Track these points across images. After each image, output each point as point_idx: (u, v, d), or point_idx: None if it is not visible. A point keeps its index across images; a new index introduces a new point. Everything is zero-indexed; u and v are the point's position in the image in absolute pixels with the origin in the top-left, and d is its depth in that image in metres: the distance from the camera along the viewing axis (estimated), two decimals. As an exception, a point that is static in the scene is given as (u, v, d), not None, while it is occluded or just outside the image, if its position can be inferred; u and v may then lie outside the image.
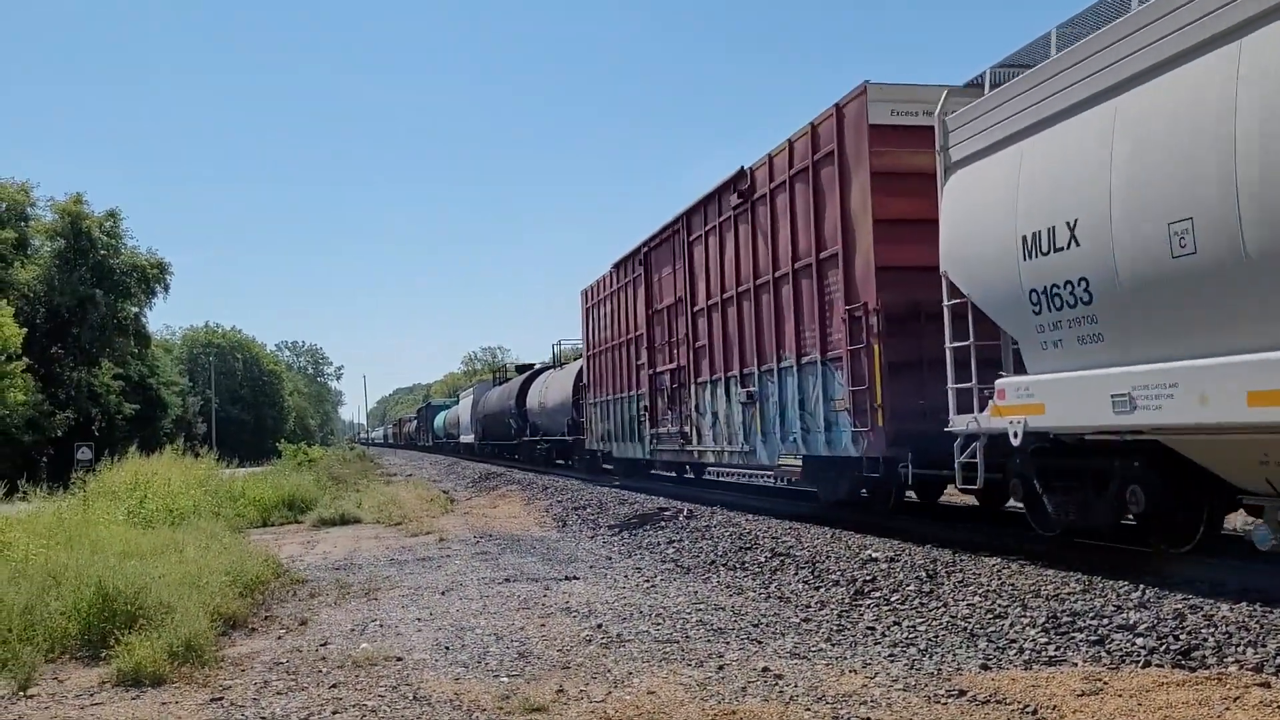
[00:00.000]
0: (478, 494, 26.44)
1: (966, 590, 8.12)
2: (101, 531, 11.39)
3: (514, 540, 14.51)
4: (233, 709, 6.01)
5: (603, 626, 7.89)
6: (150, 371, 55.90)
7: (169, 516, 14.49)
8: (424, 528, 16.48)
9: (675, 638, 7.47)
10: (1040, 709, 5.30)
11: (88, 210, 47.62)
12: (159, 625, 7.33)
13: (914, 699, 5.61)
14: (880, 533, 11.25)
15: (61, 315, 45.34)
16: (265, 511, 19.50)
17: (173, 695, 6.41)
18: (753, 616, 8.22)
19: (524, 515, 18.94)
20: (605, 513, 16.85)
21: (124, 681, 6.67)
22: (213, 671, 6.91)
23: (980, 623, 7.33)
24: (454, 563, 12.17)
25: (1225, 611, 6.43)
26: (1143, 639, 6.32)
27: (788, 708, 5.52)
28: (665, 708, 5.59)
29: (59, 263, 45.92)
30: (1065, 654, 6.41)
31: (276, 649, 7.61)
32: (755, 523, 13.00)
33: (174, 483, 17.65)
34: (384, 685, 6.36)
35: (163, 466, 19.93)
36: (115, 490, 16.55)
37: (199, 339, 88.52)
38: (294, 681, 6.58)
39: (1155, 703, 5.20)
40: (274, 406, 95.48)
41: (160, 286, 51.30)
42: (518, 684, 6.23)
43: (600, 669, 6.57)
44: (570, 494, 20.72)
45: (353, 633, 8.12)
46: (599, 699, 5.83)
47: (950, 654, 6.70)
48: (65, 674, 7.09)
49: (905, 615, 7.92)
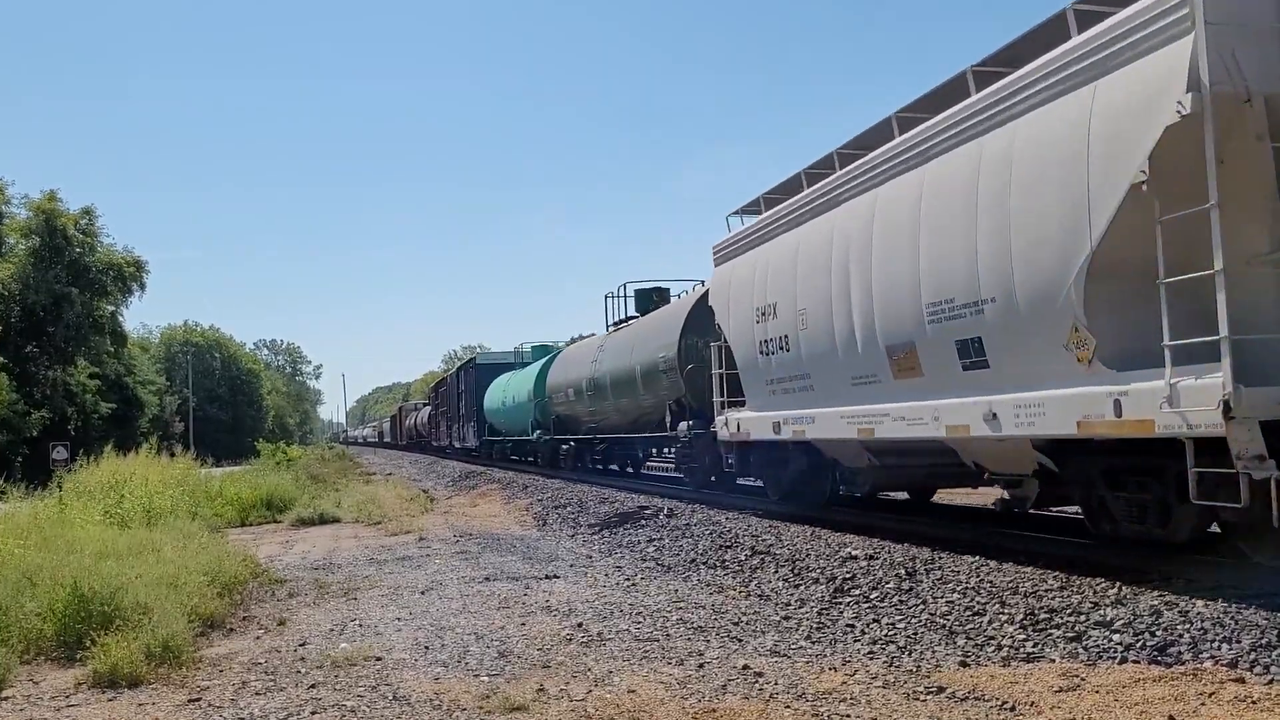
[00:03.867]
0: (458, 493, 26.37)
1: (945, 588, 8.17)
2: (78, 531, 11.30)
3: (494, 539, 14.49)
4: (211, 710, 5.98)
5: (583, 625, 7.89)
6: (127, 370, 55.51)
7: (146, 516, 14.37)
8: (403, 527, 16.44)
9: (656, 636, 7.47)
10: (1018, 705, 5.34)
11: (63, 208, 47.24)
12: (136, 626, 7.28)
13: (893, 696, 5.64)
14: (860, 530, 11.30)
15: (36, 313, 44.91)
16: (243, 511, 19.41)
17: (150, 696, 6.37)
18: (733, 615, 8.23)
19: (504, 514, 18.91)
20: (586, 511, 16.83)
21: (100, 683, 6.62)
22: (190, 672, 6.87)
23: (959, 620, 7.38)
24: (434, 562, 12.13)
25: (1200, 608, 6.49)
26: (1119, 635, 6.38)
27: (768, 705, 5.53)
28: (646, 706, 5.60)
29: (34, 260, 45.49)
30: (1043, 650, 6.46)
31: (255, 649, 7.57)
32: (735, 521, 13.03)
33: (151, 482, 17.52)
34: (363, 685, 6.34)
35: (139, 466, 19.80)
36: (91, 490, 16.42)
37: (177, 337, 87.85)
38: (272, 682, 6.55)
39: (1132, 698, 5.25)
40: (252, 405, 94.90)
41: (137, 285, 50.92)
42: (498, 683, 6.21)
43: (581, 668, 6.57)
44: (551, 493, 20.69)
45: (332, 633, 8.09)
46: (579, 698, 5.83)
47: (929, 651, 6.74)
48: (41, 675, 7.03)
49: (884, 613, 7.96)
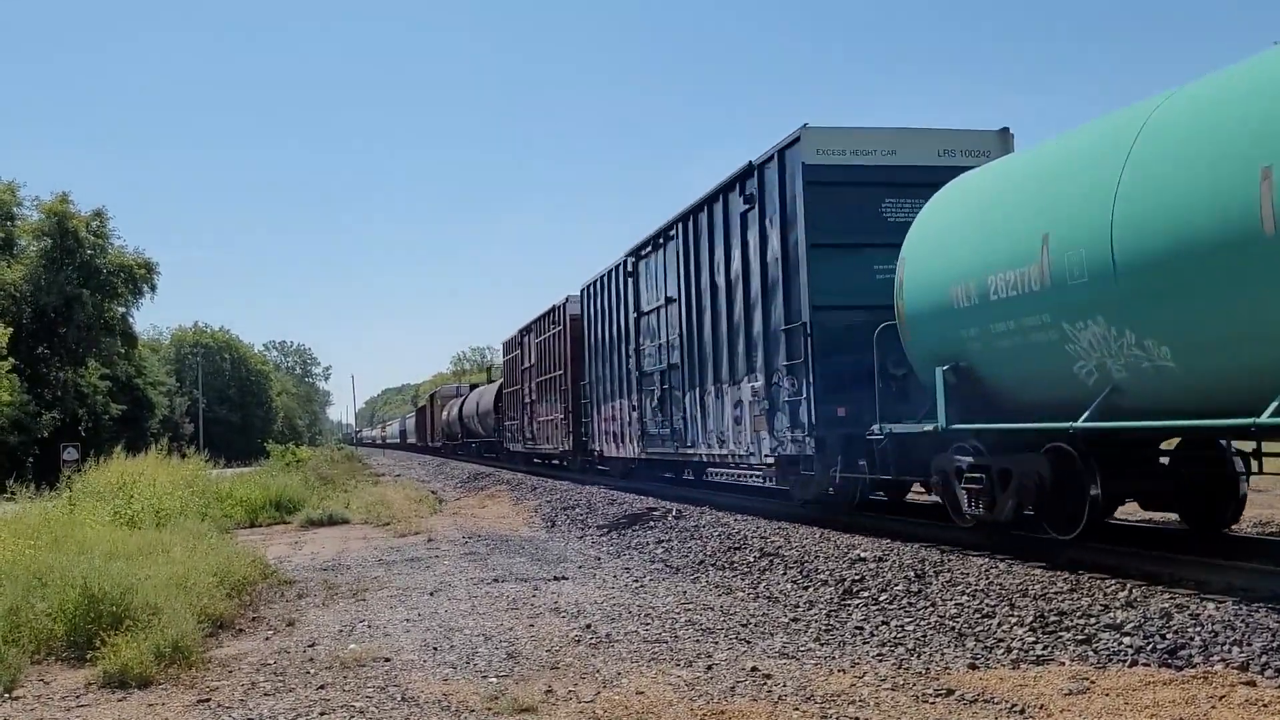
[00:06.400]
0: (466, 494, 26.41)
1: (954, 590, 8.14)
2: (88, 532, 11.33)
3: (503, 540, 14.50)
4: (220, 710, 5.99)
5: (591, 627, 7.88)
6: (137, 371, 55.63)
7: (155, 517, 14.41)
8: (412, 528, 16.45)
9: (664, 638, 7.47)
10: (1028, 708, 5.32)
11: (74, 210, 47.41)
12: (146, 626, 7.29)
13: (902, 698, 5.62)
14: (869, 532, 11.28)
15: (48, 315, 45.06)
16: (252, 512, 19.44)
17: (159, 697, 6.38)
18: (741, 616, 8.22)
19: (513, 515, 18.93)
20: (594, 513, 16.84)
21: (110, 683, 6.63)
22: (200, 673, 6.88)
23: (968, 622, 7.35)
24: (442, 563, 12.14)
25: (1211, 611, 6.46)
26: (1130, 638, 6.35)
27: (776, 707, 5.52)
28: (654, 707, 5.59)
29: (45, 262, 45.64)
30: (1053, 653, 6.43)
31: (264, 650, 7.59)
32: (744, 523, 13.02)
33: (160, 483, 17.56)
34: (372, 686, 6.34)
35: (149, 467, 19.85)
36: (101, 491, 16.47)
37: (187, 339, 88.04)
38: (281, 682, 6.56)
39: (1142, 701, 5.23)
40: (262, 407, 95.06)
41: (148, 286, 51.04)
42: (506, 684, 6.22)
43: (589, 669, 6.57)
44: (559, 494, 20.71)
45: (341, 633, 8.10)
46: (588, 699, 5.82)
47: (938, 653, 6.72)
48: (51, 676, 7.05)
49: (893, 615, 7.94)
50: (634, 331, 19.71)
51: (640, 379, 19.43)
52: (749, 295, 13.97)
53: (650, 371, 18.83)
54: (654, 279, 18.41)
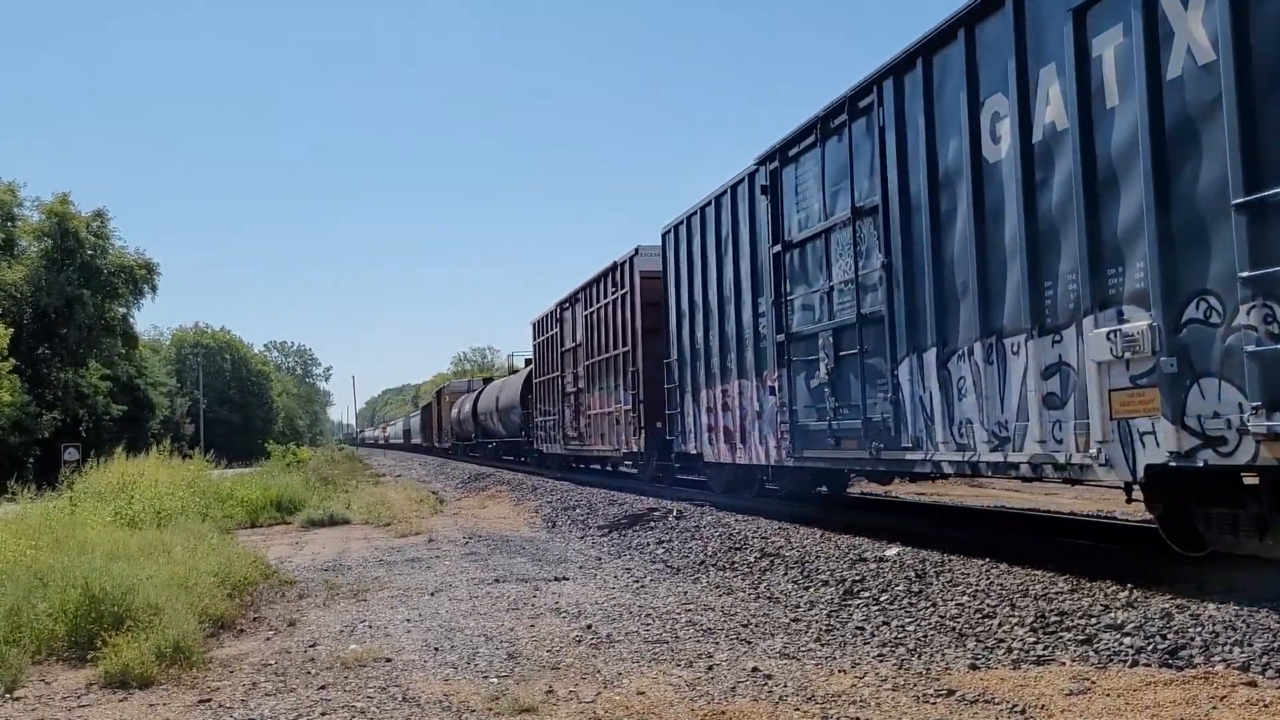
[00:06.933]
0: (467, 494, 26.41)
1: (955, 590, 8.15)
2: (89, 533, 11.33)
3: (503, 541, 14.50)
4: (221, 710, 5.99)
5: (592, 627, 7.89)
6: (138, 372, 55.68)
7: (156, 518, 14.43)
8: (413, 528, 16.46)
9: (665, 638, 7.47)
10: (1028, 708, 5.32)
11: (75, 210, 47.46)
12: (147, 626, 7.30)
13: (903, 699, 5.63)
14: (870, 533, 11.27)
15: (49, 316, 45.11)
16: (253, 512, 19.44)
17: (161, 697, 6.39)
18: (742, 617, 8.23)
19: (513, 516, 18.93)
20: (595, 513, 16.84)
21: (111, 683, 6.64)
22: (201, 673, 6.89)
23: (969, 622, 7.36)
24: (443, 563, 12.15)
25: (1212, 611, 6.46)
26: (1130, 638, 6.35)
27: (777, 708, 5.53)
28: (655, 708, 5.59)
29: (46, 263, 45.71)
30: (1053, 653, 6.44)
31: (265, 650, 7.59)
32: (745, 523, 13.01)
33: (161, 483, 17.58)
34: (373, 686, 6.35)
35: (150, 467, 19.87)
36: (102, 491, 16.48)
37: (187, 339, 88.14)
38: (282, 683, 6.56)
39: (1143, 702, 5.23)
40: (262, 407, 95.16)
41: (148, 287, 51.12)
42: (507, 684, 6.22)
43: (590, 669, 6.57)
44: (560, 495, 20.71)
45: (342, 634, 8.10)
46: (588, 699, 5.83)
47: (939, 654, 6.73)
48: (52, 676, 7.06)
49: (894, 615, 7.94)
50: (771, 275, 13.53)
51: (784, 346, 13.21)
52: (1094, 164, 7.81)
53: (806, 333, 12.68)
54: (817, 189, 12.36)
